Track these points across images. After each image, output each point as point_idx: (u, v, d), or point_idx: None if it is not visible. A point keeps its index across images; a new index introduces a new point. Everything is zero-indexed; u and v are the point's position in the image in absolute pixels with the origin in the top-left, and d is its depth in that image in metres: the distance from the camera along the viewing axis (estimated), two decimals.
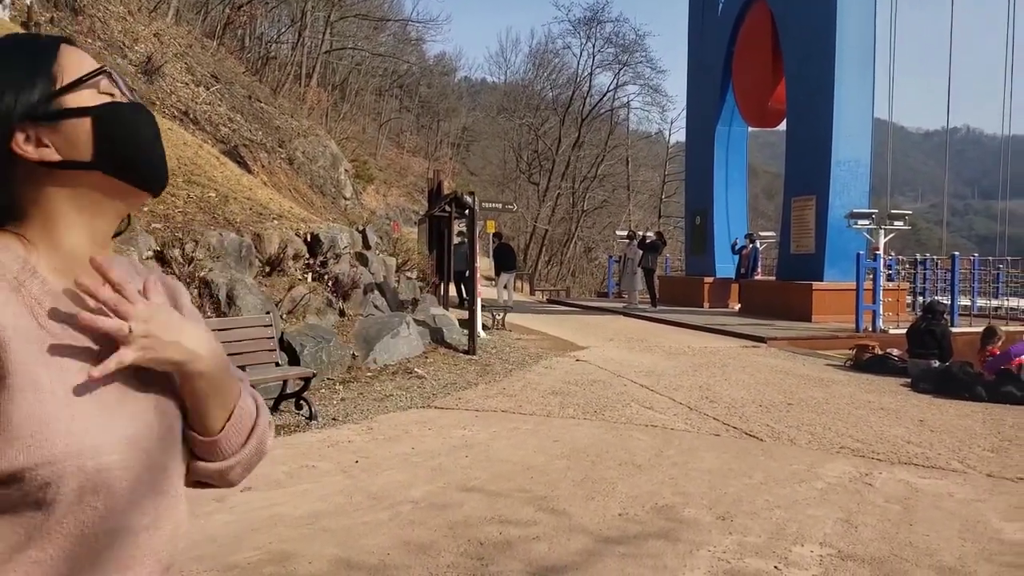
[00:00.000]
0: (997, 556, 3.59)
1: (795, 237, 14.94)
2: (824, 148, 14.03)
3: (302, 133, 23.50)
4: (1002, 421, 6.57)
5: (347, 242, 9.25)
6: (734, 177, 18.61)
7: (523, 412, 6.58)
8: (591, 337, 11.86)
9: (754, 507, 4.23)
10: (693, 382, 8.04)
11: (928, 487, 4.64)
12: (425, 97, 51.39)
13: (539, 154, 38.45)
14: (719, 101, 18.26)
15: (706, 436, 5.86)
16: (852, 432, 5.99)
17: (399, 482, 4.66)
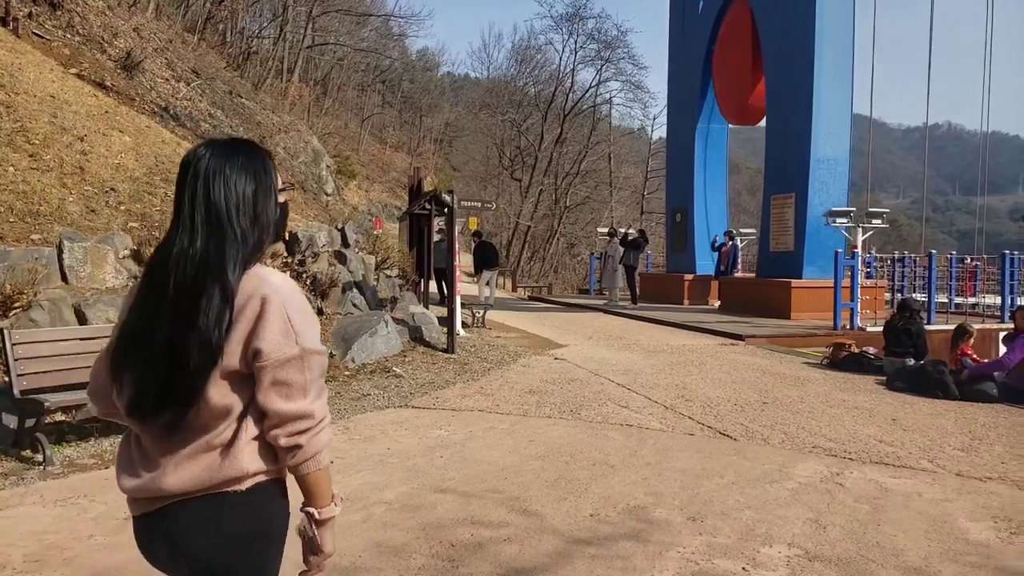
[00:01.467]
0: (962, 556, 3.64)
1: (775, 234, 15.04)
2: (803, 146, 14.12)
3: (283, 128, 23.35)
4: (974, 420, 6.66)
5: (325, 240, 9.21)
6: (714, 174, 18.69)
7: (500, 412, 6.60)
8: (571, 335, 11.89)
9: (725, 507, 4.27)
10: (670, 380, 8.09)
11: (898, 487, 4.70)
12: (408, 92, 51.25)
13: (522, 150, 38.42)
14: (700, 98, 18.33)
15: (680, 436, 5.90)
16: (825, 431, 6.06)
17: (374, 483, 4.66)
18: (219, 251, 1.56)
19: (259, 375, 1.57)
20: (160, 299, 1.55)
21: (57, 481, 4.60)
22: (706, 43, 18.07)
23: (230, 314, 1.54)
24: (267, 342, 1.55)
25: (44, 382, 5.11)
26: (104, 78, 12.31)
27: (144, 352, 1.55)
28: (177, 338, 1.51)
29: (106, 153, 8.07)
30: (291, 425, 1.57)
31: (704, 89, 18.29)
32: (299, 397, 1.58)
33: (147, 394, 1.54)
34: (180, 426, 1.56)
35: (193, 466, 1.56)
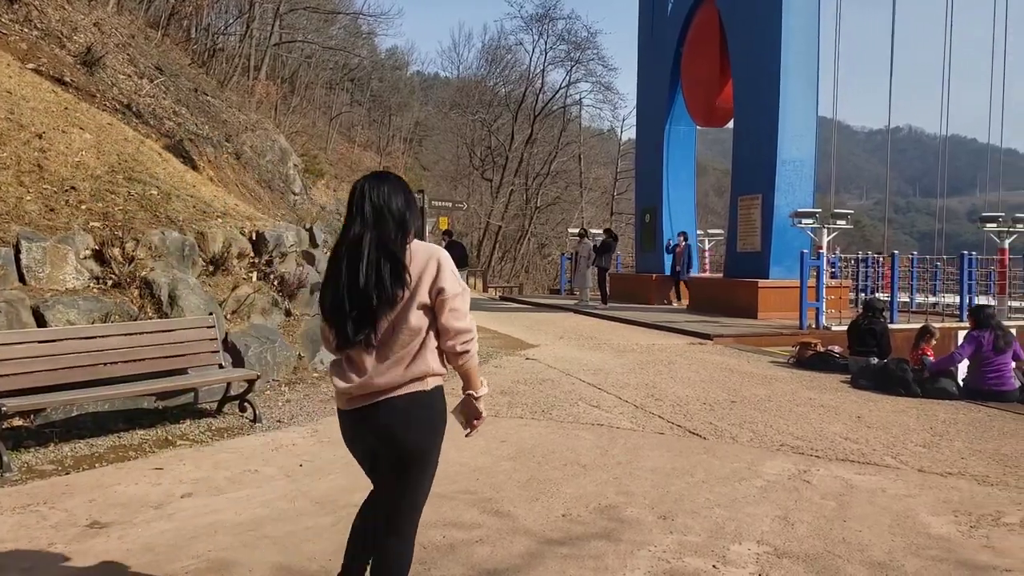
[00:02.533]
0: (924, 550, 3.71)
1: (742, 235, 15.23)
2: (770, 148, 14.32)
3: (250, 127, 23.04)
4: (935, 416, 6.80)
5: (293, 240, 9.10)
6: (682, 175, 18.87)
7: None
8: (542, 335, 11.91)
9: (695, 506, 4.30)
10: (640, 380, 8.14)
11: (863, 483, 4.78)
12: (377, 91, 50.85)
13: (492, 150, 38.42)
14: (668, 100, 18.50)
15: (651, 435, 5.93)
16: (792, 429, 6.14)
17: (344, 486, 4.61)
18: (386, 234, 2.42)
19: (441, 306, 2.44)
20: (358, 265, 2.38)
21: (15, 488, 4.48)
22: (675, 45, 18.23)
23: (399, 271, 2.40)
24: (448, 284, 2.45)
25: (1, 386, 4.97)
26: (63, 73, 12.03)
27: (351, 295, 2.38)
28: (375, 283, 2.37)
29: (66, 151, 7.89)
30: (460, 336, 2.46)
31: (672, 91, 18.46)
32: (464, 319, 2.47)
33: (355, 321, 2.39)
34: (381, 342, 2.42)
35: (396, 368, 2.42)
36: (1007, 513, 4.26)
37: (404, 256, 2.42)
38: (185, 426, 5.94)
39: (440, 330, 2.46)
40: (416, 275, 2.43)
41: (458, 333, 2.45)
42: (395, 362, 2.41)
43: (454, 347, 2.46)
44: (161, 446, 5.40)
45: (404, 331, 2.42)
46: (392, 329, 2.42)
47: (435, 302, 2.44)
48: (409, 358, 2.43)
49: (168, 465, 4.92)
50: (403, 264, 2.40)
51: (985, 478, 4.93)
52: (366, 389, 2.42)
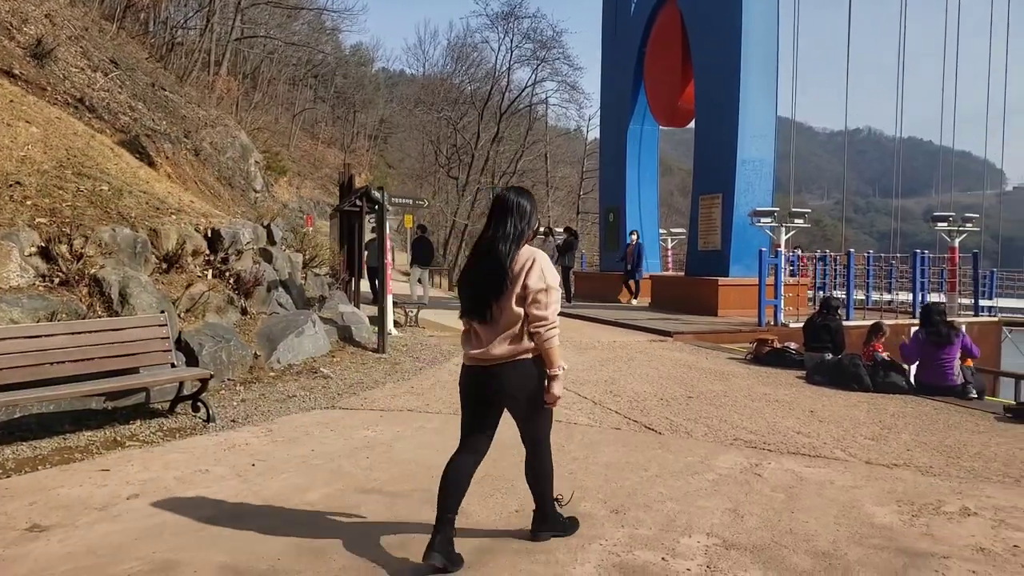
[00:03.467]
0: (867, 539, 3.80)
1: (703, 234, 15.40)
2: (730, 148, 14.50)
3: (210, 123, 22.67)
4: (884, 410, 6.95)
5: (250, 237, 8.98)
6: (646, 175, 19.04)
7: (430, 411, 6.56)
8: None
9: (648, 499, 4.34)
10: (599, 376, 8.19)
11: (812, 475, 4.86)
12: (341, 88, 50.48)
13: (458, 148, 38.33)
14: (632, 100, 18.64)
15: (608, 430, 5.97)
16: (747, 424, 6.23)
17: (296, 485, 4.57)
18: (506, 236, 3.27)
19: (527, 297, 3.22)
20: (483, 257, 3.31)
21: None
22: (638, 45, 18.38)
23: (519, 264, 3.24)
24: (532, 280, 3.21)
25: None
26: (12, 66, 11.72)
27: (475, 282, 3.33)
28: (487, 277, 3.25)
29: (11, 145, 7.68)
30: (539, 322, 3.23)
31: (636, 90, 18.60)
32: (544, 309, 3.24)
33: (475, 304, 3.31)
34: (493, 323, 3.27)
35: (504, 344, 3.27)
36: (947, 502, 4.37)
37: (510, 257, 3.25)
38: (135, 427, 5.82)
39: (527, 316, 3.26)
40: (516, 272, 3.24)
41: (537, 320, 3.25)
42: (504, 338, 3.27)
43: (537, 331, 3.27)
44: (109, 447, 5.29)
45: (508, 314, 3.26)
46: (500, 312, 3.26)
47: (524, 294, 3.23)
48: (513, 337, 3.28)
49: (115, 466, 4.82)
50: (506, 264, 3.23)
51: (929, 469, 5.06)
52: (483, 357, 3.33)
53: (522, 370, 3.31)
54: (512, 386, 3.34)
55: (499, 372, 3.32)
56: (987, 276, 20.28)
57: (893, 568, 3.46)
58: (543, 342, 3.27)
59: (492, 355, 3.29)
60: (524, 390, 3.35)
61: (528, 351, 3.30)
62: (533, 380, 3.35)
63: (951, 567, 3.48)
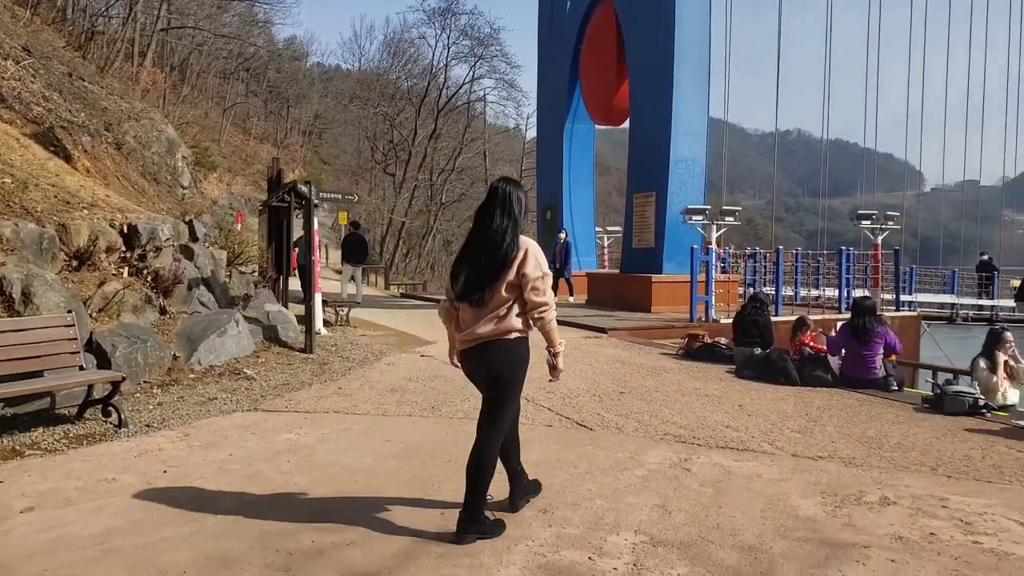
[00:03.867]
0: (791, 532, 3.80)
1: (637, 232, 15.53)
2: (663, 147, 14.65)
3: (134, 116, 21.77)
4: (811, 403, 7.07)
5: (170, 234, 8.59)
6: (582, 173, 19.11)
7: (357, 412, 6.36)
8: (441, 332, 11.66)
9: (576, 497, 4.27)
10: (532, 374, 8.03)
11: (740, 469, 4.88)
12: (274, 82, 49.19)
13: (395, 145, 37.87)
14: (567, 98, 18.68)
15: (539, 427, 5.89)
16: (677, 419, 6.24)
17: (210, 491, 4.34)
18: (504, 227, 3.46)
19: (524, 285, 3.44)
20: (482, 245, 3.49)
21: None
22: (573, 43, 18.42)
23: (513, 253, 3.44)
24: (528, 269, 3.43)
25: None
26: None
27: (472, 268, 3.47)
28: (486, 265, 3.45)
29: None
30: (537, 308, 3.48)
31: (572, 88, 18.65)
32: (543, 295, 3.48)
33: (470, 289, 3.46)
34: (482, 305, 3.46)
35: (490, 324, 3.45)
36: (868, 492, 4.44)
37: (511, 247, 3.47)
38: (37, 434, 5.47)
39: (524, 302, 3.50)
40: (511, 261, 3.45)
41: (537, 306, 3.49)
42: (489, 319, 3.49)
43: (533, 315, 3.52)
44: (6, 457, 4.94)
45: (497, 298, 3.47)
46: (491, 297, 3.48)
47: (520, 282, 3.47)
48: (498, 318, 3.49)
49: (10, 477, 4.50)
50: (508, 254, 3.46)
51: (852, 460, 5.13)
52: (470, 337, 3.54)
53: (502, 348, 3.52)
54: (492, 361, 3.55)
55: (481, 350, 3.55)
56: (907, 272, 21.10)
57: (816, 560, 3.47)
58: (545, 324, 3.55)
59: (476, 334, 3.52)
60: (503, 366, 3.55)
61: (510, 331, 3.51)
62: (511, 359, 3.55)
63: (871, 556, 3.51)
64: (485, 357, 3.55)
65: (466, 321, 3.57)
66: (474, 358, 3.59)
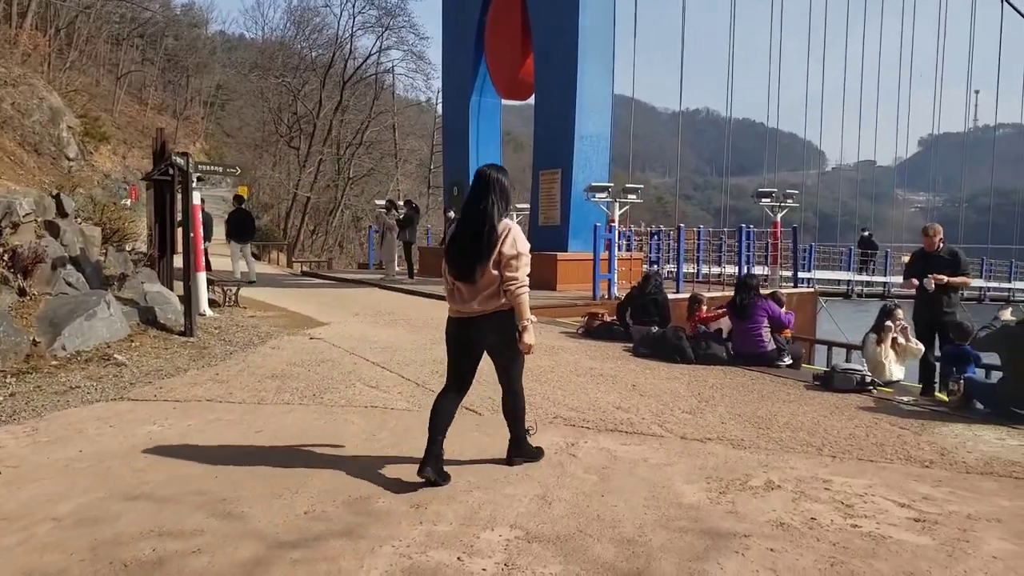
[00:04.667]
0: (673, 522, 3.68)
1: (543, 209, 15.40)
2: (568, 123, 14.51)
3: (11, 82, 20.10)
4: (704, 382, 7.07)
5: (30, 209, 7.83)
6: (490, 148, 18.79)
7: (231, 400, 5.93)
8: (337, 312, 11.30)
9: (453, 490, 4.04)
10: (428, 357, 7.84)
11: (627, 454, 4.75)
12: (172, 50, 46.60)
13: (299, 117, 36.47)
14: (473, 71, 18.27)
15: (425, 414, 5.59)
16: (569, 401, 6.09)
17: (48, 495, 3.89)
18: (496, 208, 3.92)
19: (503, 263, 3.88)
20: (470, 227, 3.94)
21: None
22: (478, 15, 18.00)
23: (495, 234, 3.87)
24: (506, 248, 3.87)
25: None
26: None
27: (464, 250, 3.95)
28: (473, 247, 3.90)
29: None
30: (510, 282, 3.88)
31: (477, 62, 18.25)
32: (515, 271, 3.89)
33: (462, 269, 3.94)
34: (476, 284, 3.92)
35: (484, 300, 3.95)
36: (754, 476, 4.38)
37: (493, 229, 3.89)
38: None
39: (500, 277, 3.90)
40: (495, 241, 3.88)
41: (509, 280, 3.90)
42: (485, 296, 3.95)
43: (508, 288, 3.91)
44: None
45: (488, 276, 3.91)
46: (483, 274, 3.90)
47: (498, 259, 3.88)
48: (491, 295, 3.95)
49: None
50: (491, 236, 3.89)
51: (740, 442, 5.10)
52: (466, 311, 4.02)
53: (497, 320, 4.01)
54: (490, 332, 4.06)
55: (480, 322, 4.03)
56: (806, 249, 21.84)
57: (695, 552, 3.35)
58: (514, 298, 3.93)
59: (474, 309, 4.01)
60: (500, 335, 4.05)
61: (503, 305, 3.99)
62: (506, 328, 4.02)
63: (751, 546, 3.42)
64: (483, 328, 4.05)
65: (463, 296, 4.04)
66: (472, 327, 4.07)
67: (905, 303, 10.14)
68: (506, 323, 4.01)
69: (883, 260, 26.94)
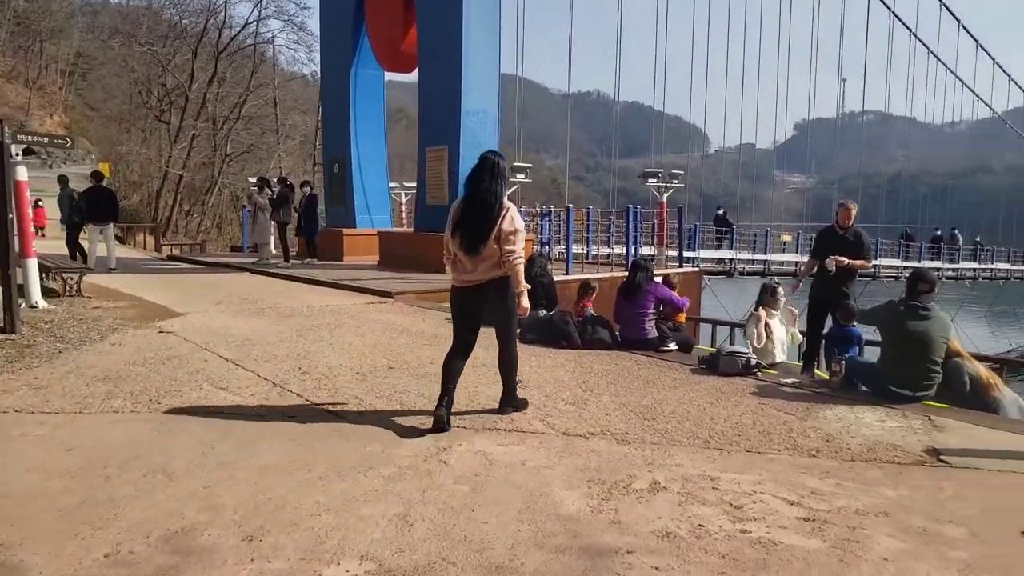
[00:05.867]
0: (550, 539, 3.24)
1: (430, 188, 14.77)
2: (454, 98, 13.90)
3: None
4: (590, 369, 6.73)
5: None
6: (372, 124, 17.91)
7: (45, 411, 5.05)
8: (198, 301, 10.32)
9: (299, 514, 3.45)
10: (292, 350, 7.13)
11: (504, 457, 4.29)
12: (23, 12, 42.38)
13: (170, 90, 33.99)
14: (353, 41, 17.30)
15: (278, 420, 4.96)
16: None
17: None
18: (499, 189, 4.57)
19: (501, 237, 4.51)
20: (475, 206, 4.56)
21: None
22: None
23: (499, 215, 4.52)
24: (505, 224, 4.52)
25: None
26: None
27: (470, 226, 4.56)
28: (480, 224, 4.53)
29: None
30: (508, 254, 4.53)
31: (357, 32, 17.29)
32: (513, 245, 4.53)
33: (471, 243, 4.55)
34: (480, 255, 4.55)
35: (487, 270, 4.63)
36: (638, 477, 4.02)
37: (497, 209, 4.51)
38: None
39: (500, 250, 4.50)
40: (497, 219, 4.48)
41: (507, 253, 4.49)
42: (487, 266, 4.60)
43: (506, 258, 4.52)
44: None
45: (490, 249, 4.52)
46: (486, 248, 4.51)
47: (498, 235, 4.48)
48: (493, 265, 4.59)
49: None
50: (495, 215, 4.50)
51: (625, 435, 4.74)
52: (471, 280, 4.66)
53: (500, 285, 4.66)
54: (494, 297, 4.68)
55: (485, 288, 4.66)
56: (691, 229, 22.20)
57: None
58: (511, 267, 4.57)
59: (478, 278, 4.63)
60: (502, 299, 4.70)
61: (501, 274, 4.62)
62: (507, 292, 4.69)
63: (634, 564, 3.02)
64: (487, 293, 4.69)
65: (466, 267, 4.64)
66: (478, 293, 4.68)
67: (785, 280, 10.22)
68: (505, 288, 4.66)
69: (763, 239, 27.90)
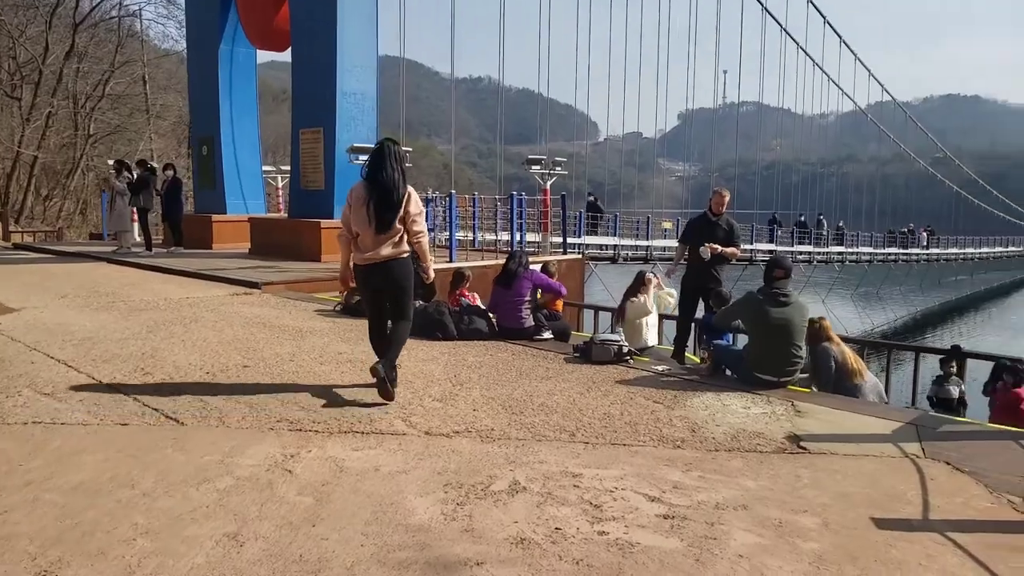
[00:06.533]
0: (395, 553, 2.99)
1: (305, 172, 14.11)
2: (329, 78, 13.29)
3: None
4: (463, 361, 6.52)
5: None
6: (243, 103, 16.92)
7: None
8: (39, 294, 9.39)
9: (108, 541, 3.03)
10: (138, 348, 6.53)
11: (356, 463, 3.99)
12: None
13: (20, 64, 31.14)
14: (221, 16, 16.26)
15: (108, 428, 4.47)
16: (301, 397, 5.20)
17: None
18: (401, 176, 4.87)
19: (408, 219, 4.91)
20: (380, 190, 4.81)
21: None
22: None
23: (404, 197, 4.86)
24: (411, 207, 4.91)
25: None
26: None
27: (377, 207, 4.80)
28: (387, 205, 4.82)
29: None
30: (415, 235, 4.99)
31: (226, 6, 16.27)
32: (419, 225, 4.98)
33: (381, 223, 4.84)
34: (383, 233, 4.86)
35: (389, 248, 4.91)
36: (499, 477, 3.82)
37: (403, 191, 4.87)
38: None
39: (406, 230, 4.94)
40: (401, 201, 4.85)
41: (414, 233, 4.96)
42: (388, 244, 4.89)
43: (413, 239, 5.00)
44: None
45: (394, 228, 4.87)
46: (391, 226, 4.86)
47: (405, 216, 4.89)
48: (395, 243, 4.93)
49: None
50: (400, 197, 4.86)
51: (490, 432, 4.55)
52: (373, 259, 4.91)
53: (400, 264, 4.98)
54: (395, 275, 4.96)
55: (386, 266, 4.92)
56: (577, 216, 22.40)
57: None
58: (420, 246, 5.06)
59: (381, 255, 4.87)
60: (403, 279, 5.01)
61: (403, 252, 4.96)
62: (408, 271, 5.02)
63: None
64: (388, 271, 4.93)
65: (368, 245, 4.87)
66: (379, 271, 4.92)
67: (669, 265, 10.35)
68: (407, 267, 5.01)
69: (646, 225, 28.61)
